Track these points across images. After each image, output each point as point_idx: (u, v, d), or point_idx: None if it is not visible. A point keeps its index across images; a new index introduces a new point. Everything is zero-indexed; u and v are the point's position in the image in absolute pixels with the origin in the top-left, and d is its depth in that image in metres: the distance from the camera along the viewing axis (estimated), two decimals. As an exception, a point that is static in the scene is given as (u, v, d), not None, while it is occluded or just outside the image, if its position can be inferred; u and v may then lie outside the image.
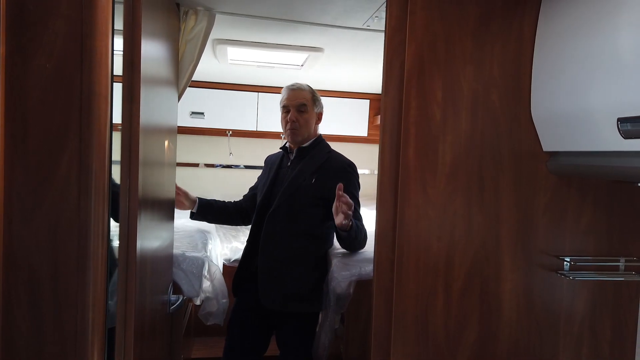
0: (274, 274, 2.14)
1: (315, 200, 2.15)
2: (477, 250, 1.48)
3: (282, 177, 2.27)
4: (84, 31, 1.09)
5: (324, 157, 2.25)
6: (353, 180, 2.23)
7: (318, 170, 2.19)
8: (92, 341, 1.13)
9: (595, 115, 1.24)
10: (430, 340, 1.48)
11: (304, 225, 2.17)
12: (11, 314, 1.09)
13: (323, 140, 2.38)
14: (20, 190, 1.08)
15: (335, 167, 2.22)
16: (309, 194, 2.15)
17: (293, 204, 2.16)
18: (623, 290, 1.58)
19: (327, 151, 2.32)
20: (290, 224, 2.15)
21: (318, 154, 2.27)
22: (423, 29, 1.41)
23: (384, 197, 1.46)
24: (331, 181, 2.05)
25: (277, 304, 2.14)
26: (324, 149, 2.32)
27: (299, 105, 2.26)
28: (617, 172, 1.27)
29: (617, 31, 1.14)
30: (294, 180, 2.19)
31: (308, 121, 2.29)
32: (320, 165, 2.21)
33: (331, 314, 2.16)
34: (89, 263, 1.11)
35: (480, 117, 1.46)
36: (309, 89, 2.34)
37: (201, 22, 1.91)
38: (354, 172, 2.26)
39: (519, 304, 1.52)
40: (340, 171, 2.20)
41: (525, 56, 1.47)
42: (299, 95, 2.28)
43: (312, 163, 2.22)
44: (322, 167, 2.21)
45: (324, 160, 2.23)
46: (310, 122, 2.30)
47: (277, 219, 2.16)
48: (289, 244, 2.15)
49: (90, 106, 1.09)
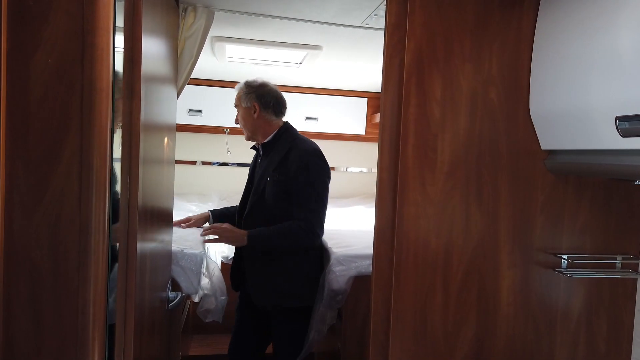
0: (260, 276, 2.16)
1: (281, 195, 2.11)
2: (475, 248, 1.49)
3: (255, 176, 2.26)
4: (85, 27, 1.09)
5: (286, 149, 2.16)
6: (310, 168, 2.11)
7: (279, 164, 2.13)
8: (93, 337, 1.13)
9: (594, 114, 1.25)
10: (429, 336, 1.49)
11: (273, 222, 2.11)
12: (12, 308, 1.09)
13: (288, 130, 2.26)
14: (21, 186, 1.08)
15: (294, 158, 2.12)
16: (274, 191, 2.12)
17: (263, 204, 2.15)
18: (619, 288, 1.59)
19: (291, 140, 2.20)
20: (265, 223, 2.11)
21: (280, 147, 2.19)
22: (422, 27, 1.42)
23: (383, 194, 1.47)
24: (293, 173, 2.06)
25: (268, 304, 2.17)
26: (288, 139, 2.21)
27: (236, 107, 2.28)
28: (615, 170, 1.28)
29: (616, 30, 1.15)
30: (260, 179, 2.18)
31: (243, 118, 2.24)
32: (281, 159, 2.14)
33: (323, 309, 2.17)
34: (89, 259, 1.11)
35: (479, 115, 1.47)
36: (240, 87, 2.27)
37: (200, 19, 1.91)
38: (313, 160, 2.13)
39: (517, 301, 1.53)
40: (298, 161, 2.10)
41: (523, 54, 1.47)
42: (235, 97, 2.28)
43: (274, 158, 2.17)
44: (283, 160, 2.13)
45: (285, 153, 2.15)
46: (246, 118, 2.23)
47: (251, 220, 2.17)
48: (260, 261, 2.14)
49: (91, 102, 1.09)
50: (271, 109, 2.23)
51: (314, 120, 4.04)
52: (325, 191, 2.16)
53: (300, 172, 2.08)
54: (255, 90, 2.22)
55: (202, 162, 4.11)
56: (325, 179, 2.16)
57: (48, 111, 1.08)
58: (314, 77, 3.57)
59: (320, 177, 2.14)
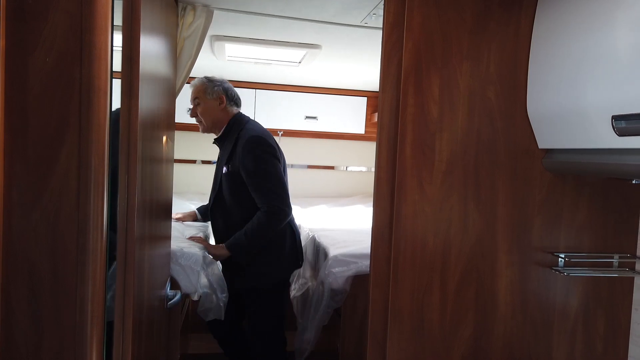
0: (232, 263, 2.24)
1: (234, 187, 2.20)
2: (473, 247, 1.50)
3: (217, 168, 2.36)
4: (83, 26, 1.09)
5: (233, 141, 2.24)
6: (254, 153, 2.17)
7: (229, 157, 2.21)
8: (92, 335, 1.13)
9: (591, 113, 1.25)
10: (426, 335, 1.50)
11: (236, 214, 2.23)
12: (10, 307, 1.10)
13: (237, 119, 2.32)
14: (20, 184, 1.08)
15: (239, 149, 2.19)
16: (228, 185, 2.21)
17: (221, 198, 2.25)
18: (617, 287, 1.59)
19: (239, 130, 2.26)
20: (226, 216, 2.25)
21: (230, 138, 2.26)
22: (420, 26, 1.42)
23: (381, 193, 1.47)
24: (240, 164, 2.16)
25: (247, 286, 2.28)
26: (236, 129, 2.28)
27: (193, 101, 2.33)
28: (612, 169, 1.29)
29: (613, 30, 1.15)
30: (216, 174, 2.30)
31: (206, 110, 2.30)
32: (230, 151, 2.22)
33: (323, 308, 2.18)
34: (88, 257, 1.11)
35: (477, 114, 1.47)
36: (201, 81, 2.32)
37: (199, 18, 1.91)
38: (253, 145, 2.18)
39: (514, 300, 1.54)
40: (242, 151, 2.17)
41: (521, 54, 1.48)
42: (192, 92, 2.33)
43: (226, 151, 2.26)
44: (232, 152, 2.22)
45: (233, 145, 2.23)
46: (210, 110, 2.30)
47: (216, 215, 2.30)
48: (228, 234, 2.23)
49: (89, 101, 1.09)
50: (234, 102, 2.35)
51: (313, 119, 4.04)
52: (275, 168, 2.20)
53: (247, 161, 2.14)
54: (221, 84, 2.33)
55: (202, 161, 4.11)
56: (270, 157, 2.20)
57: (46, 109, 1.08)
58: (313, 76, 3.57)
59: (265, 158, 2.17)
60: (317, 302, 2.25)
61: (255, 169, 2.15)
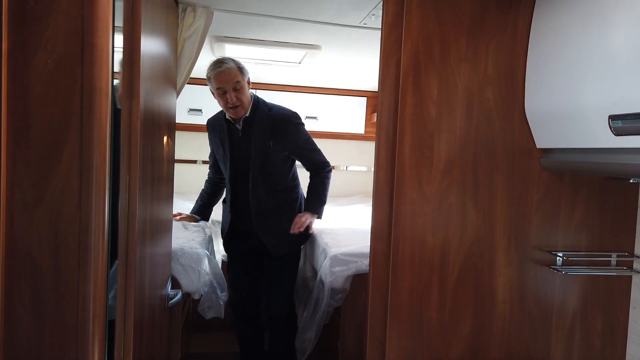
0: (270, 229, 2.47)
1: (281, 158, 2.47)
2: (471, 246, 1.51)
3: (240, 148, 2.45)
4: (84, 28, 1.10)
5: (270, 120, 2.42)
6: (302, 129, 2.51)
7: (270, 133, 2.41)
8: (93, 333, 1.15)
9: (588, 113, 1.26)
10: (425, 333, 1.51)
11: (280, 183, 2.50)
12: (13, 305, 1.11)
13: (257, 101, 2.46)
14: (22, 184, 1.09)
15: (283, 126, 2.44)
16: (274, 156, 2.43)
17: (265, 170, 2.43)
18: (615, 285, 1.60)
19: (268, 110, 2.45)
20: (268, 187, 2.44)
21: (261, 118, 2.42)
22: (419, 27, 1.43)
23: (380, 193, 1.48)
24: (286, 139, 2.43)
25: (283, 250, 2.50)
26: (264, 109, 2.45)
27: (235, 86, 2.32)
28: (609, 169, 1.30)
29: (610, 30, 1.16)
30: (256, 148, 2.40)
31: (245, 94, 2.37)
32: (270, 129, 2.41)
33: (323, 307, 2.19)
34: (89, 256, 1.12)
35: (475, 115, 1.48)
36: (234, 64, 2.35)
37: (199, 19, 1.93)
38: (300, 122, 2.51)
39: (512, 298, 1.55)
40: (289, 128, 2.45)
41: (519, 55, 1.49)
42: (230, 75, 2.32)
43: (262, 129, 2.41)
44: (273, 129, 2.41)
45: (271, 123, 2.42)
46: (247, 95, 2.39)
47: (258, 188, 2.43)
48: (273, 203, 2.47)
49: (91, 102, 1.10)
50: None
51: (313, 119, 4.05)
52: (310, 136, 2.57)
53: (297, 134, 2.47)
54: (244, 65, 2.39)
55: (203, 161, 4.12)
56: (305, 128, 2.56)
57: (48, 110, 1.09)
58: (313, 77, 3.59)
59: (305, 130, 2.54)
60: (317, 302, 2.26)
61: (305, 139, 2.50)
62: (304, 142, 2.50)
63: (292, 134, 2.45)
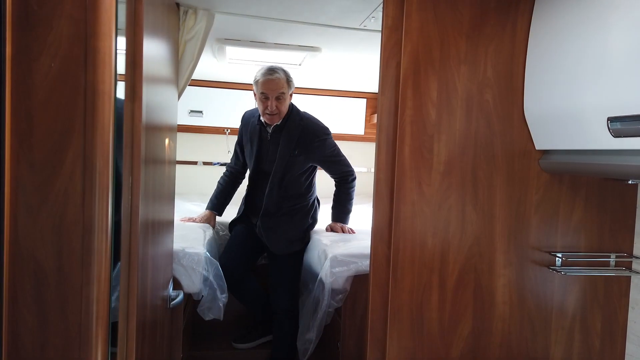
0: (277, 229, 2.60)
1: (302, 168, 2.58)
2: (471, 247, 1.52)
3: (267, 150, 2.60)
4: (87, 31, 1.11)
5: (299, 130, 2.53)
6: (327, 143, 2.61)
7: (297, 143, 2.52)
8: (96, 335, 1.15)
9: (586, 115, 1.27)
10: (425, 334, 1.52)
11: (295, 190, 2.61)
12: (17, 306, 1.12)
13: (292, 110, 2.57)
14: (25, 186, 1.10)
15: (309, 139, 2.55)
16: (296, 165, 2.56)
17: (285, 176, 2.55)
18: (613, 286, 1.61)
19: (299, 120, 2.56)
20: (283, 192, 2.57)
21: (292, 126, 2.54)
22: (418, 30, 1.44)
23: (380, 194, 1.49)
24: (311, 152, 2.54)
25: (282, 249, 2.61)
26: (296, 118, 2.56)
27: (278, 94, 2.44)
28: (608, 170, 1.31)
29: (608, 33, 1.17)
30: (281, 155, 2.53)
31: (285, 105, 2.51)
32: (297, 139, 2.52)
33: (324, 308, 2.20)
34: (93, 258, 1.13)
35: (475, 117, 1.49)
36: (284, 75, 2.47)
37: (200, 21, 1.94)
38: (326, 136, 2.61)
39: (512, 299, 1.56)
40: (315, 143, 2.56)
41: (518, 57, 1.50)
42: (277, 85, 2.43)
43: (289, 137, 2.52)
44: (300, 140, 2.53)
45: (299, 133, 2.53)
46: (286, 106, 2.52)
47: (274, 188, 2.56)
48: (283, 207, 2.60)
49: (94, 104, 1.11)
50: None
51: (313, 120, 4.06)
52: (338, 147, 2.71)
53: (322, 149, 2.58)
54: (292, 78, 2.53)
55: (203, 163, 4.13)
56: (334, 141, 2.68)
57: (52, 113, 1.10)
58: (313, 78, 3.60)
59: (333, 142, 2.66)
60: (318, 302, 2.27)
61: (330, 151, 2.62)
62: (328, 155, 2.63)
63: (317, 149, 2.57)
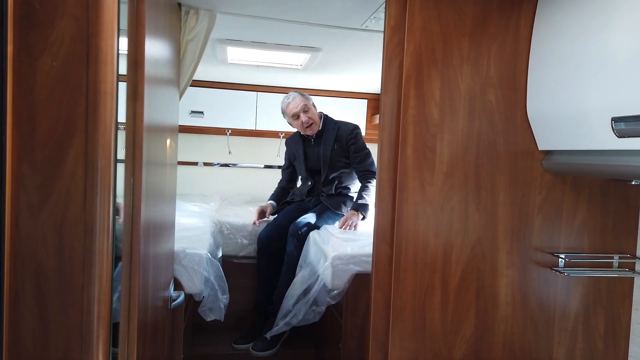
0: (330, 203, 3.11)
1: (341, 159, 3.11)
2: (474, 247, 1.51)
3: (312, 153, 3.18)
4: (89, 31, 1.11)
5: (336, 129, 3.12)
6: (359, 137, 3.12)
7: (335, 140, 3.11)
8: (98, 335, 1.15)
9: (590, 115, 1.26)
10: (428, 334, 1.51)
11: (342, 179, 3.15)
12: (18, 306, 1.11)
13: (326, 117, 3.19)
14: (27, 186, 1.09)
15: (345, 134, 3.10)
16: (337, 157, 3.10)
17: (332, 167, 3.12)
18: (617, 287, 1.61)
19: (334, 123, 3.16)
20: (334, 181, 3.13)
21: (329, 129, 3.14)
22: (421, 29, 1.44)
23: (383, 194, 1.49)
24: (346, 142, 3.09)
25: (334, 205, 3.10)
26: (331, 122, 3.17)
27: (303, 108, 3.01)
28: (611, 171, 1.30)
29: (612, 33, 1.17)
30: (324, 152, 3.11)
31: (315, 114, 3.09)
32: (335, 137, 3.11)
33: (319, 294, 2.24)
34: (94, 258, 1.13)
35: (477, 117, 1.49)
36: (298, 94, 3.07)
37: (202, 22, 1.93)
38: (358, 131, 3.13)
39: (515, 300, 1.55)
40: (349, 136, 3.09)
41: (521, 56, 1.49)
42: (297, 102, 3.02)
43: (329, 137, 3.12)
44: (337, 137, 3.11)
45: (336, 133, 3.11)
46: (316, 114, 3.10)
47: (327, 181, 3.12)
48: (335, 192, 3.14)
49: (96, 104, 1.11)
50: None
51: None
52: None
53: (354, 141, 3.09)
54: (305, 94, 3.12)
55: (204, 163, 4.13)
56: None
57: (54, 113, 1.10)
58: (314, 79, 3.59)
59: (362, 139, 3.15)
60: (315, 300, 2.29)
61: (362, 145, 3.10)
62: (360, 146, 3.09)
63: (352, 139, 3.08)
